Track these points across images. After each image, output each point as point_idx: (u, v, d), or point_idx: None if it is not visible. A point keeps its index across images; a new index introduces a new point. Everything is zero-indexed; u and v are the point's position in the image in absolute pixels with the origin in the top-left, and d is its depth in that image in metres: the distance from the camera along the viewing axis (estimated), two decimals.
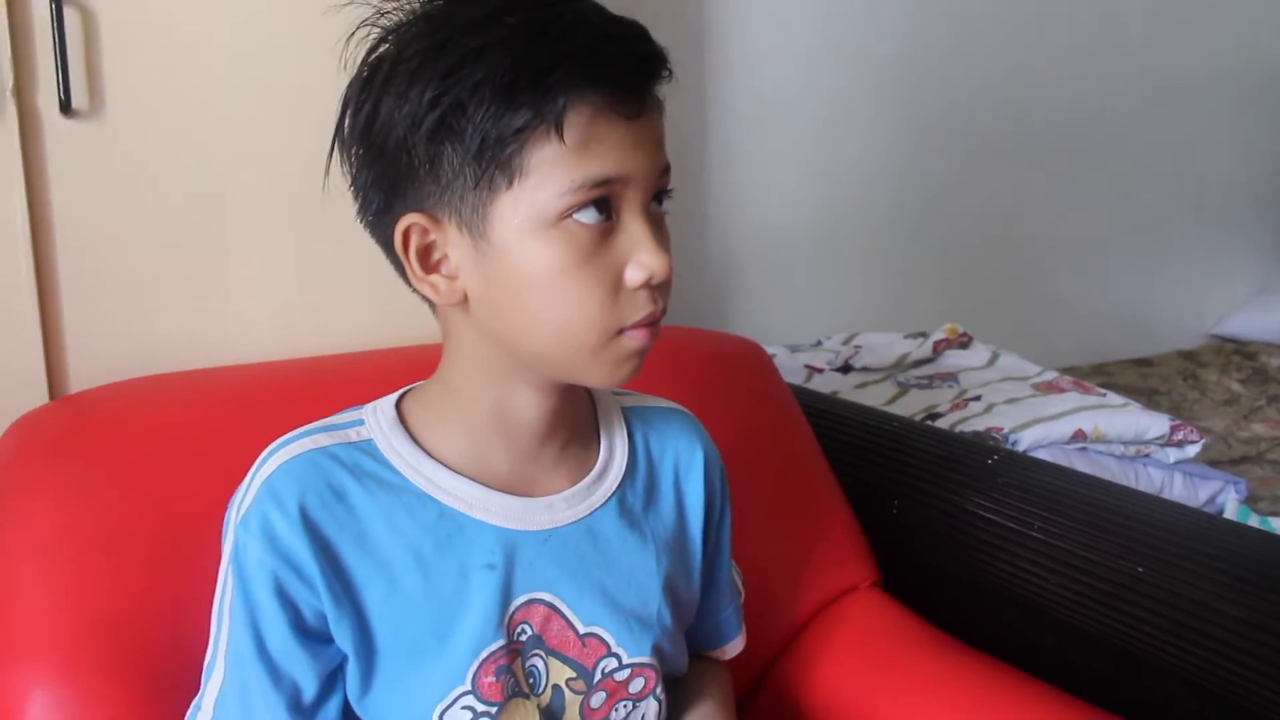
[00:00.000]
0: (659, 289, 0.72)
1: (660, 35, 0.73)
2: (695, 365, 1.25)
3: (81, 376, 1.09)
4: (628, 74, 0.70)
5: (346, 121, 0.74)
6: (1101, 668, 1.13)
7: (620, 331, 0.72)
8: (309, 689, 0.75)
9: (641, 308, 0.71)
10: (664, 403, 0.92)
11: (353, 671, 0.76)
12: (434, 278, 0.73)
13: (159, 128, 1.09)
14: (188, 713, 0.78)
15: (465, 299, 0.73)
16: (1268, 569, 1.06)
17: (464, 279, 0.72)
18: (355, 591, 0.75)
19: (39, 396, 1.07)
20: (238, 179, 1.13)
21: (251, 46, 1.12)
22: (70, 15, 1.03)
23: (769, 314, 2.22)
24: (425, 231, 0.72)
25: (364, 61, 0.73)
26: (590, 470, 0.82)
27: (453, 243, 0.72)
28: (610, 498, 0.83)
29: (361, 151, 0.73)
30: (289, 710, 0.74)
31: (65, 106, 1.04)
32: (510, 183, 0.68)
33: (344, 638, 0.75)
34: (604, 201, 0.69)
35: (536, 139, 0.67)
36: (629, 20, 0.72)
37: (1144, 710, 1.05)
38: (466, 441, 0.78)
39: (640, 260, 0.70)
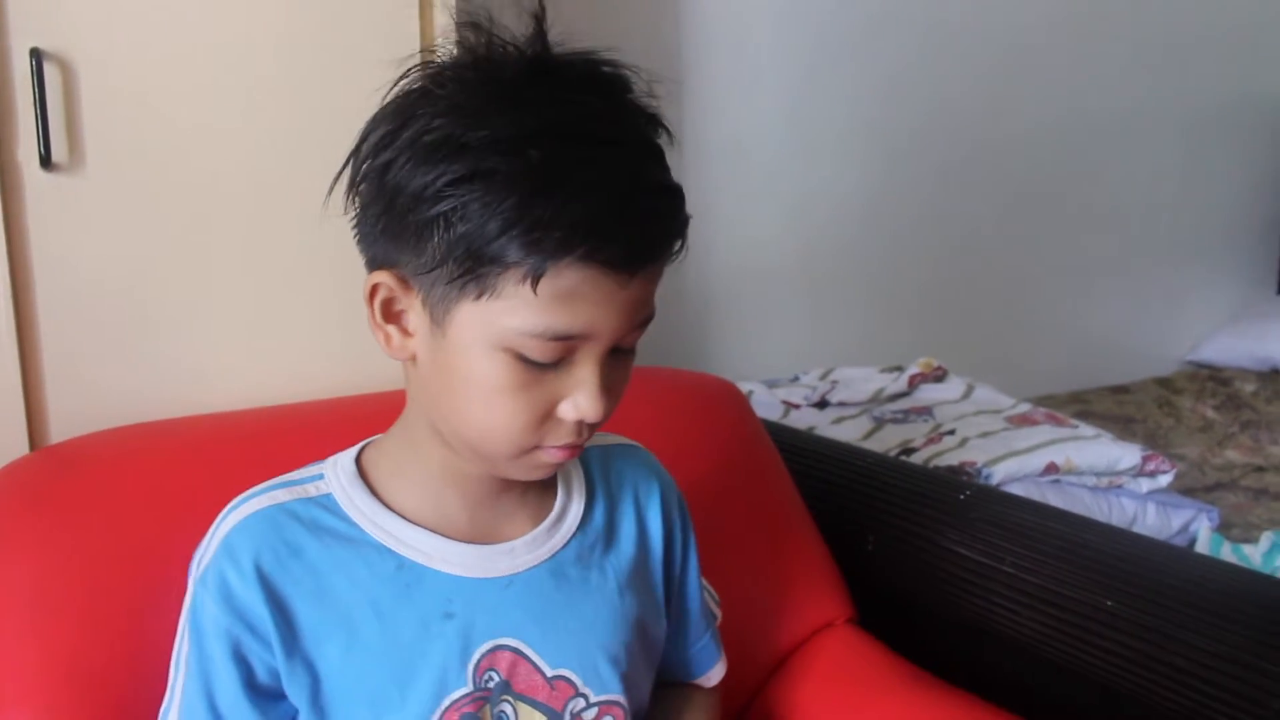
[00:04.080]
0: (589, 424, 0.73)
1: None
2: (670, 406, 1.26)
3: (62, 426, 1.10)
4: (632, 258, 0.68)
5: (366, 151, 0.72)
6: (1075, 700, 1.15)
7: (539, 447, 0.74)
8: None
9: (564, 437, 0.73)
10: (617, 439, 0.93)
11: None
12: (391, 327, 0.75)
13: (138, 181, 1.11)
14: None
15: (414, 358, 0.75)
16: (1229, 600, 1.08)
17: (416, 343, 0.74)
18: (310, 648, 0.76)
19: (20, 446, 1.08)
20: (217, 231, 1.15)
21: (230, 102, 1.14)
22: (50, 70, 1.05)
23: (746, 350, 2.25)
24: (393, 290, 0.73)
25: (397, 102, 0.72)
26: (550, 512, 0.84)
27: (415, 311, 0.73)
28: (571, 538, 0.84)
29: (372, 185, 0.72)
30: None
31: (45, 160, 1.05)
32: (479, 295, 0.68)
33: (297, 693, 0.76)
34: (562, 347, 0.70)
35: (516, 275, 0.67)
36: (664, 185, 0.71)
37: None
38: (424, 492, 0.80)
39: (577, 402, 0.71)
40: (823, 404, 1.91)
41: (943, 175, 2.61)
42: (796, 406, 1.87)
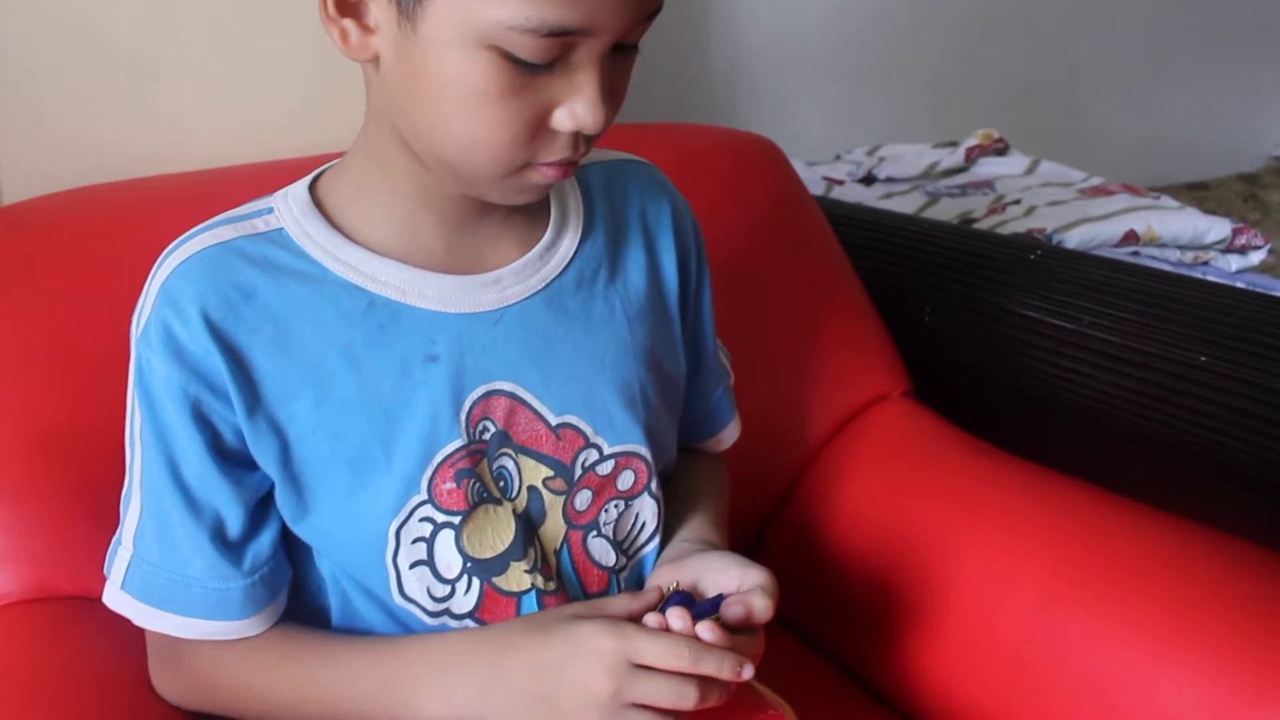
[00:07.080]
0: (587, 136, 0.63)
1: None
2: (704, 162, 1.14)
3: (17, 189, 1.01)
4: None
5: None
6: (1154, 467, 1.04)
7: (529, 165, 0.63)
8: (234, 522, 0.68)
9: (559, 150, 0.63)
10: (621, 154, 0.81)
11: (283, 495, 0.69)
12: (347, 22, 0.62)
13: None
14: (109, 547, 0.71)
15: (376, 59, 0.63)
16: None
17: (379, 40, 0.62)
18: (275, 406, 0.67)
19: None
20: None
21: None
22: None
23: (779, 131, 2.08)
24: None
25: None
26: (542, 236, 0.73)
27: (378, 3, 0.61)
28: (569, 264, 0.73)
29: None
30: (213, 542, 0.68)
31: None
32: None
33: (265, 458, 0.67)
34: (558, 44, 0.59)
35: None
36: None
37: (1204, 509, 0.95)
38: (392, 217, 0.69)
39: (574, 109, 0.61)
40: (869, 180, 1.75)
41: None
42: (840, 183, 1.71)
